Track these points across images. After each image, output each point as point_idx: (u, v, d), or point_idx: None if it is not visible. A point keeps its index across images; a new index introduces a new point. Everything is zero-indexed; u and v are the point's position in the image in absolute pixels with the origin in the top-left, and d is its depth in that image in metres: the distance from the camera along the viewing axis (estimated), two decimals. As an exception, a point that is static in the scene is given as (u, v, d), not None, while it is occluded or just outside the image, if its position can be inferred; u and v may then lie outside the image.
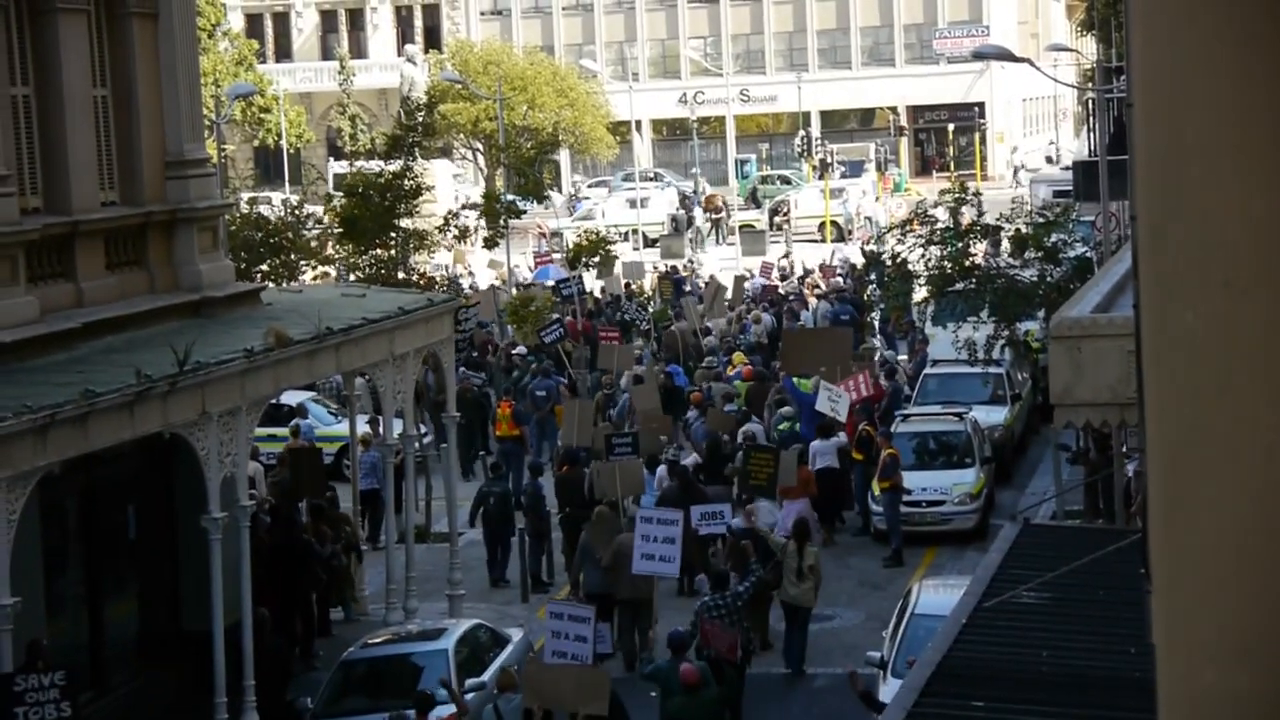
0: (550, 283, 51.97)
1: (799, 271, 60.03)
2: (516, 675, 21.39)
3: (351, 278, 44.55)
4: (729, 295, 51.05)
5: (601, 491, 28.29)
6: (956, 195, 37.30)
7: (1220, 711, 2.93)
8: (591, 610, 21.92)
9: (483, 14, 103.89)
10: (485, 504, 30.94)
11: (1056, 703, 13.03)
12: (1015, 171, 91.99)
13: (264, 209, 50.89)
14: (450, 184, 71.54)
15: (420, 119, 49.91)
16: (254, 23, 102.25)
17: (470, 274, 59.74)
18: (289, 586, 26.54)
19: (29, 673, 19.04)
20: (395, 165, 45.24)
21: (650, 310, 50.70)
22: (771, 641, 26.01)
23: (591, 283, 55.04)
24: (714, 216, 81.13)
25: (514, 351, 43.54)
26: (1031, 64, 38.13)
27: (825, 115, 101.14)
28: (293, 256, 45.77)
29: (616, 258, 58.80)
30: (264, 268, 43.58)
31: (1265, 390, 2.90)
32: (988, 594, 15.54)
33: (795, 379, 34.17)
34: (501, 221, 53.91)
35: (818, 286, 54.18)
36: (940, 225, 36.32)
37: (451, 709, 21.11)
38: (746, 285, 53.19)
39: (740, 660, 22.83)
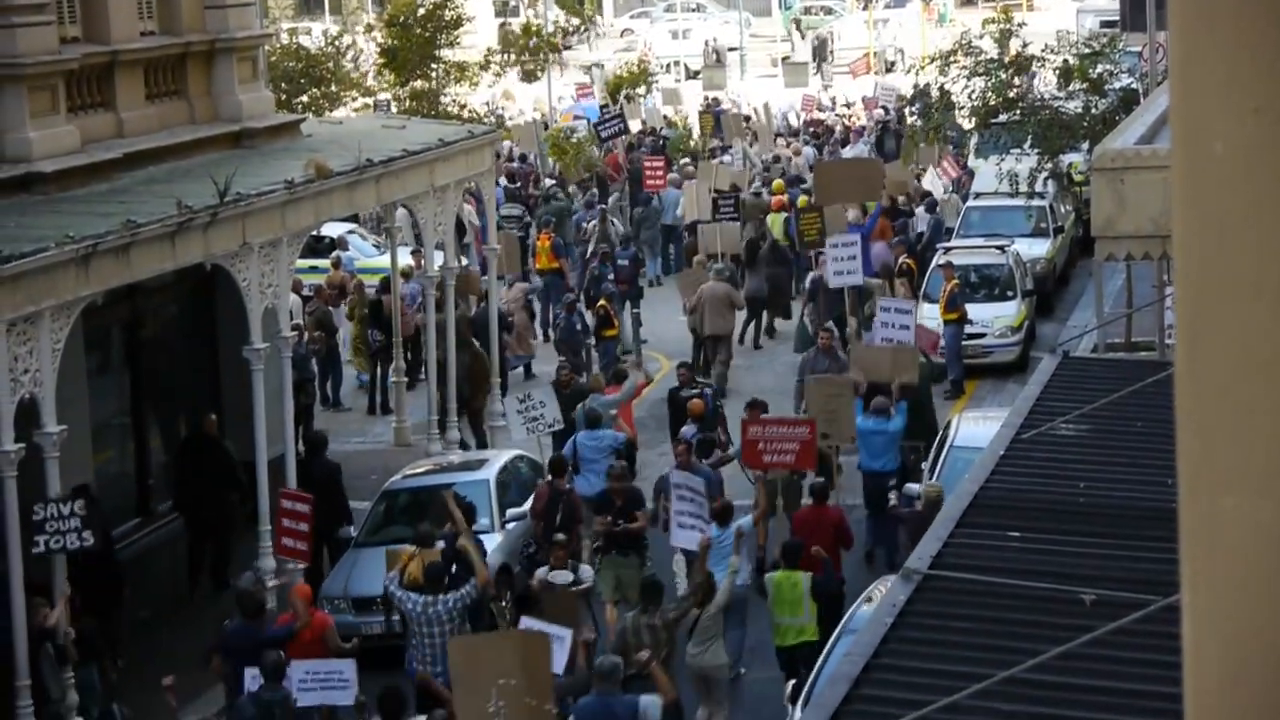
0: (591, 118, 51.58)
1: (841, 103, 59.49)
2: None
3: (392, 109, 44.36)
4: (765, 122, 50.70)
5: (704, 246, 33.97)
6: (1001, 26, 36.88)
7: (1240, 539, 2.95)
8: (912, 303, 27.92)
9: None
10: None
11: (1092, 534, 13.08)
12: None
13: (304, 39, 50.62)
14: (490, 15, 70.88)
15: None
16: None
17: (520, 110, 59.24)
18: None
19: (48, 502, 18.31)
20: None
21: (693, 142, 50.36)
22: None
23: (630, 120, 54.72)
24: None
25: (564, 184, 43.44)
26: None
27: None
28: (333, 88, 45.63)
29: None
30: (304, 99, 43.46)
31: (1293, 220, 2.90)
32: (1025, 426, 15.56)
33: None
34: (542, 55, 53.56)
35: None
36: (985, 57, 35.93)
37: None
38: (776, 116, 52.79)
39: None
